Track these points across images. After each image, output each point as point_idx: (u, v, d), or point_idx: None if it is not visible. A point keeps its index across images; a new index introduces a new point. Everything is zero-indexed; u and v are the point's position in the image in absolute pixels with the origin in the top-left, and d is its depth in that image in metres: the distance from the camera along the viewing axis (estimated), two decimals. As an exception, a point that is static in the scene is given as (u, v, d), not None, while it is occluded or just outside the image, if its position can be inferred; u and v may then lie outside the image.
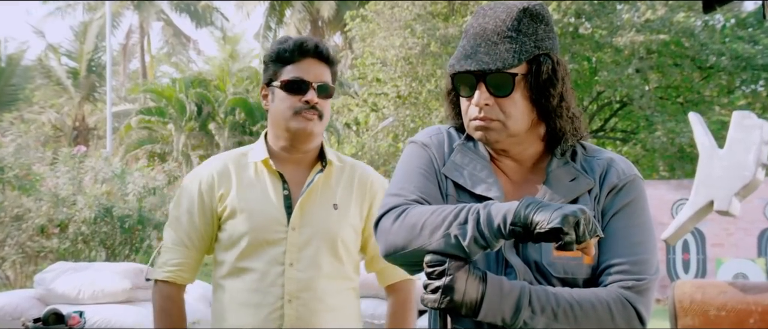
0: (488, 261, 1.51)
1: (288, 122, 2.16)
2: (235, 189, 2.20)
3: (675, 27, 15.46)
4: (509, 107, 1.52)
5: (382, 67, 17.68)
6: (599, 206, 1.55)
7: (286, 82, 2.15)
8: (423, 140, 1.65)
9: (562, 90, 1.54)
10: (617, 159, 1.60)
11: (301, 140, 2.19)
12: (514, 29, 1.51)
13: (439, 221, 1.43)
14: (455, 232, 1.40)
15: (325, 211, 2.19)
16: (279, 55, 2.17)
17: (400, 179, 1.60)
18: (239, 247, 2.17)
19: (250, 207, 2.18)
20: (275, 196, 2.18)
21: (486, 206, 1.41)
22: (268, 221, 2.16)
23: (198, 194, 2.23)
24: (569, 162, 1.58)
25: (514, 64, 1.49)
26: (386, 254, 1.50)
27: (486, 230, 1.38)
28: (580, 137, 1.60)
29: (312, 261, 2.15)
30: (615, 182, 1.56)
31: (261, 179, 2.21)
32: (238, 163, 2.26)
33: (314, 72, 2.16)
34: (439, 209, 1.45)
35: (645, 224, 1.55)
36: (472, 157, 1.60)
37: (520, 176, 1.61)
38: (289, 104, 2.15)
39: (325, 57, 2.19)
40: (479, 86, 1.52)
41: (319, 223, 2.17)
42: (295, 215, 2.16)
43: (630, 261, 1.49)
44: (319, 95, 2.16)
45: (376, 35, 17.49)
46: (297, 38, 2.19)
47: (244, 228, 2.16)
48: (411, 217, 1.47)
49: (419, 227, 1.44)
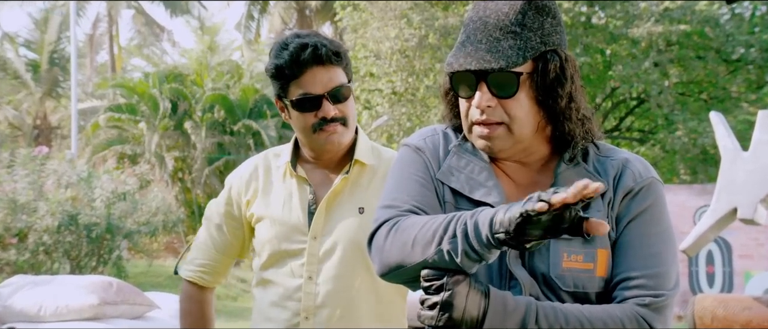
0: (491, 273, 1.52)
1: (310, 140, 2.18)
2: (261, 194, 2.24)
3: (697, 16, 15.48)
4: (514, 108, 1.52)
5: (376, 60, 17.68)
6: (613, 212, 1.54)
7: (295, 101, 2.14)
8: (416, 143, 1.65)
9: (571, 90, 1.53)
10: (633, 160, 1.60)
11: (330, 154, 2.21)
12: (518, 23, 1.50)
13: (429, 237, 1.43)
14: (446, 247, 1.40)
15: (350, 216, 2.16)
16: (278, 72, 2.14)
17: (392, 188, 1.60)
18: (262, 257, 2.22)
19: (271, 214, 2.21)
20: (299, 202, 2.19)
21: (474, 214, 1.41)
22: (288, 229, 2.17)
23: (228, 199, 2.30)
24: (580, 163, 1.57)
25: (519, 62, 1.48)
26: (381, 273, 1.51)
27: (475, 242, 1.39)
28: (592, 139, 1.59)
29: (335, 274, 2.13)
30: (630, 186, 1.55)
31: (287, 183, 2.23)
32: (268, 165, 2.29)
33: (322, 81, 2.13)
34: (430, 222, 1.45)
35: (664, 232, 1.54)
36: (470, 159, 1.60)
37: (525, 178, 1.60)
38: (306, 123, 2.15)
39: (329, 59, 2.13)
40: (480, 86, 1.51)
41: (342, 230, 2.15)
42: (316, 223, 2.16)
43: (647, 275, 1.49)
44: (336, 102, 2.14)
45: (368, 26, 17.49)
46: (293, 48, 2.12)
47: (266, 237, 2.20)
48: (402, 232, 1.47)
49: (411, 244, 1.45)
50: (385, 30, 16.89)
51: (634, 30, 15.42)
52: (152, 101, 21.16)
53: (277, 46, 2.17)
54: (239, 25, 28.24)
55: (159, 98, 21.09)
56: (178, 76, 22.54)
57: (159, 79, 21.69)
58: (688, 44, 16.29)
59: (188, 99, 21.35)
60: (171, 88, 21.30)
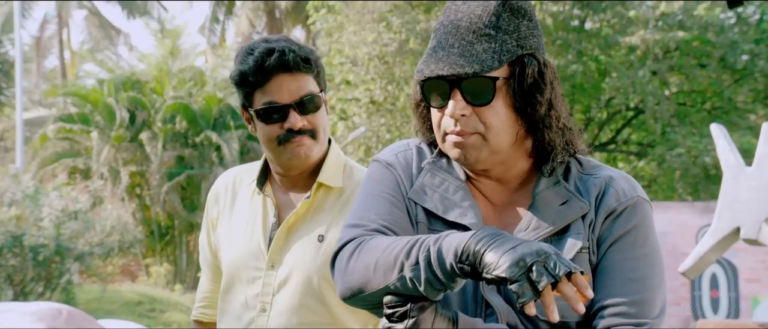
0: (465, 299, 1.53)
1: (275, 153, 2.16)
2: (227, 213, 2.24)
3: (696, 22, 15.56)
4: (490, 117, 1.52)
5: (352, 67, 17.70)
6: (594, 234, 1.56)
7: (259, 111, 2.13)
8: (387, 159, 1.66)
9: (550, 96, 1.55)
10: (618, 177, 1.60)
11: (296, 169, 2.19)
12: (492, 26, 1.51)
13: (390, 262, 1.44)
14: (409, 274, 1.41)
15: (307, 244, 2.14)
16: (243, 79, 2.13)
17: (360, 206, 1.61)
18: (223, 282, 2.21)
19: (231, 238, 2.20)
20: (261, 225, 2.18)
21: (438, 240, 1.42)
22: (246, 255, 2.16)
23: (205, 219, 2.31)
24: (560, 182, 1.58)
25: (494, 66, 1.50)
26: (344, 297, 1.52)
27: (439, 271, 1.39)
28: (574, 151, 1.61)
29: (287, 308, 2.11)
30: (613, 206, 1.56)
31: (253, 203, 2.22)
32: (238, 182, 2.28)
33: (289, 90, 2.11)
34: (392, 245, 1.46)
35: (648, 256, 1.55)
36: (444, 177, 1.62)
37: (502, 198, 1.61)
38: (270, 134, 2.13)
39: (297, 66, 2.11)
40: (453, 93, 1.52)
41: (297, 260, 2.13)
42: (274, 250, 2.14)
43: (628, 301, 1.50)
44: (304, 112, 2.12)
45: (344, 29, 17.51)
46: (258, 53, 2.11)
47: (225, 262, 2.20)
48: (365, 254, 1.48)
49: (373, 267, 1.46)
50: (362, 34, 16.89)
51: (627, 38, 15.49)
52: (107, 110, 21.06)
53: (242, 52, 2.16)
54: (203, 28, 28.21)
55: (115, 106, 21.00)
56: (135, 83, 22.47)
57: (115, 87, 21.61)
58: (689, 51, 16.38)
59: (147, 108, 21.27)
60: (128, 96, 21.22)
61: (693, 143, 15.40)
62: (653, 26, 15.62)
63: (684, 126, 16.21)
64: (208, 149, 21.03)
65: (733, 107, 17.08)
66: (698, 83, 17.01)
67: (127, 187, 20.78)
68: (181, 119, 21.28)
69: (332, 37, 17.99)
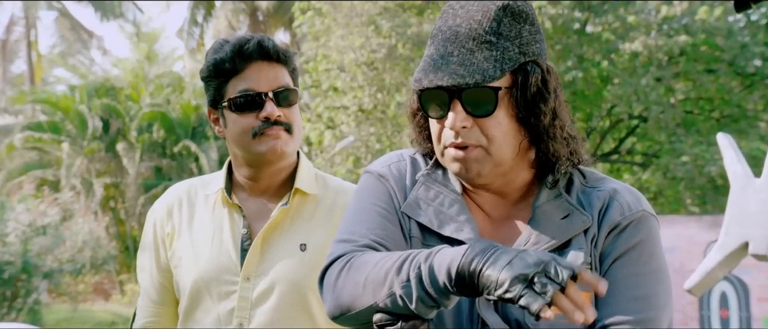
0: (460, 317, 1.54)
1: (248, 147, 2.15)
2: (185, 228, 2.23)
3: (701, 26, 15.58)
4: (492, 128, 1.53)
5: (340, 73, 17.69)
6: (597, 250, 1.57)
7: (234, 100, 2.13)
8: (379, 170, 1.67)
9: (554, 105, 1.56)
10: (622, 190, 1.61)
11: (270, 165, 2.18)
12: (493, 32, 1.52)
13: (380, 278, 1.45)
14: (399, 292, 1.42)
15: (289, 254, 2.15)
16: (217, 68, 2.15)
17: (350, 220, 1.62)
18: (184, 301, 2.19)
19: (196, 251, 2.18)
20: (231, 236, 2.18)
21: (430, 256, 1.42)
22: (216, 269, 2.15)
23: (152, 235, 2.28)
24: (562, 195, 1.59)
25: (496, 75, 1.50)
26: (333, 315, 1.53)
27: (431, 289, 1.40)
28: (578, 161, 1.62)
29: (269, 319, 2.11)
30: (617, 220, 1.57)
31: (217, 214, 2.22)
32: (194, 193, 2.27)
33: (266, 78, 2.14)
34: (383, 261, 1.47)
35: (655, 272, 1.57)
36: (440, 189, 1.62)
37: (501, 211, 1.62)
38: (245, 126, 2.14)
39: (276, 55, 2.16)
40: (453, 104, 1.53)
41: (280, 270, 2.13)
42: (250, 262, 2.14)
43: (633, 320, 1.51)
44: (281, 104, 2.14)
45: (332, 33, 17.51)
46: (235, 41, 2.15)
47: (188, 278, 2.17)
48: (355, 270, 1.49)
49: (362, 285, 1.47)
50: (350, 38, 16.88)
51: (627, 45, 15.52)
52: (79, 118, 21.02)
53: (215, 44, 2.19)
54: (181, 32, 28.19)
55: (87, 114, 20.97)
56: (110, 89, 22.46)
57: (87, 94, 21.59)
58: (696, 56, 16.42)
59: (122, 116, 21.25)
60: (102, 103, 21.20)
61: (700, 152, 15.40)
62: (656, 31, 15.65)
63: (691, 135, 16.22)
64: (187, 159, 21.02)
65: (742, 114, 17.11)
66: (706, 89, 17.03)
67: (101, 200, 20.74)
68: (158, 128, 21.26)
69: (319, 42, 17.96)
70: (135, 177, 20.70)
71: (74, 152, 20.85)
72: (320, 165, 17.22)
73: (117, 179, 21.32)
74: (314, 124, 18.70)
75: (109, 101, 21.54)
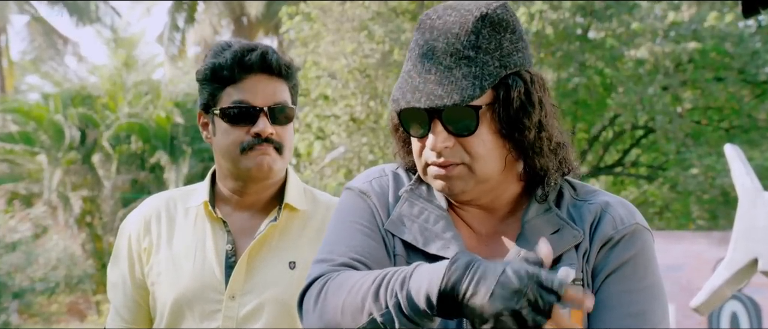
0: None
1: (235, 162, 2.16)
2: (164, 242, 2.22)
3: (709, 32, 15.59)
4: (475, 146, 1.54)
5: (331, 81, 17.70)
6: (589, 265, 1.57)
7: (227, 110, 2.14)
8: (360, 186, 1.68)
9: (540, 117, 1.56)
10: (615, 204, 1.62)
11: (255, 182, 2.19)
12: (471, 46, 1.52)
13: (358, 303, 1.44)
14: (380, 319, 1.42)
15: (278, 271, 2.15)
16: (215, 73, 2.16)
17: (329, 239, 1.62)
18: (162, 321, 2.18)
19: (177, 268, 2.18)
20: (214, 252, 2.18)
21: (405, 281, 1.41)
22: (198, 286, 2.15)
23: (127, 250, 2.26)
24: (552, 208, 1.60)
25: (476, 94, 1.51)
26: None
27: (413, 315, 1.40)
28: (568, 170, 1.63)
29: None
30: (609, 234, 1.58)
31: (199, 228, 2.22)
32: (173, 205, 2.27)
33: (264, 92, 2.15)
34: (358, 284, 1.46)
35: (649, 288, 1.57)
36: (424, 205, 1.63)
37: (488, 227, 1.63)
38: (234, 139, 2.15)
39: (278, 69, 2.16)
40: (434, 124, 1.54)
41: (269, 288, 2.14)
42: (235, 279, 2.14)
43: None
44: (275, 121, 2.15)
45: (322, 39, 17.52)
46: (237, 48, 2.16)
47: (168, 296, 2.17)
48: (331, 294, 1.49)
49: (340, 310, 1.46)
50: (341, 44, 16.88)
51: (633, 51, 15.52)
52: (54, 128, 20.96)
53: (216, 47, 2.20)
54: (162, 37, 28.16)
55: (63, 124, 20.92)
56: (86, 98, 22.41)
57: (62, 102, 21.52)
58: (704, 63, 16.44)
59: (99, 126, 21.20)
60: (78, 112, 21.14)
61: (711, 163, 15.39)
62: (663, 37, 15.66)
63: (699, 146, 16.24)
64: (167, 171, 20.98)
65: (753, 124, 17.12)
66: (715, 98, 17.03)
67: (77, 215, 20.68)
68: (136, 139, 21.23)
69: (308, 48, 17.97)
70: (112, 190, 20.65)
71: (49, 164, 20.79)
72: (309, 178, 17.22)
73: (94, 192, 21.26)
74: (303, 134, 18.69)
75: (86, 109, 21.46)
